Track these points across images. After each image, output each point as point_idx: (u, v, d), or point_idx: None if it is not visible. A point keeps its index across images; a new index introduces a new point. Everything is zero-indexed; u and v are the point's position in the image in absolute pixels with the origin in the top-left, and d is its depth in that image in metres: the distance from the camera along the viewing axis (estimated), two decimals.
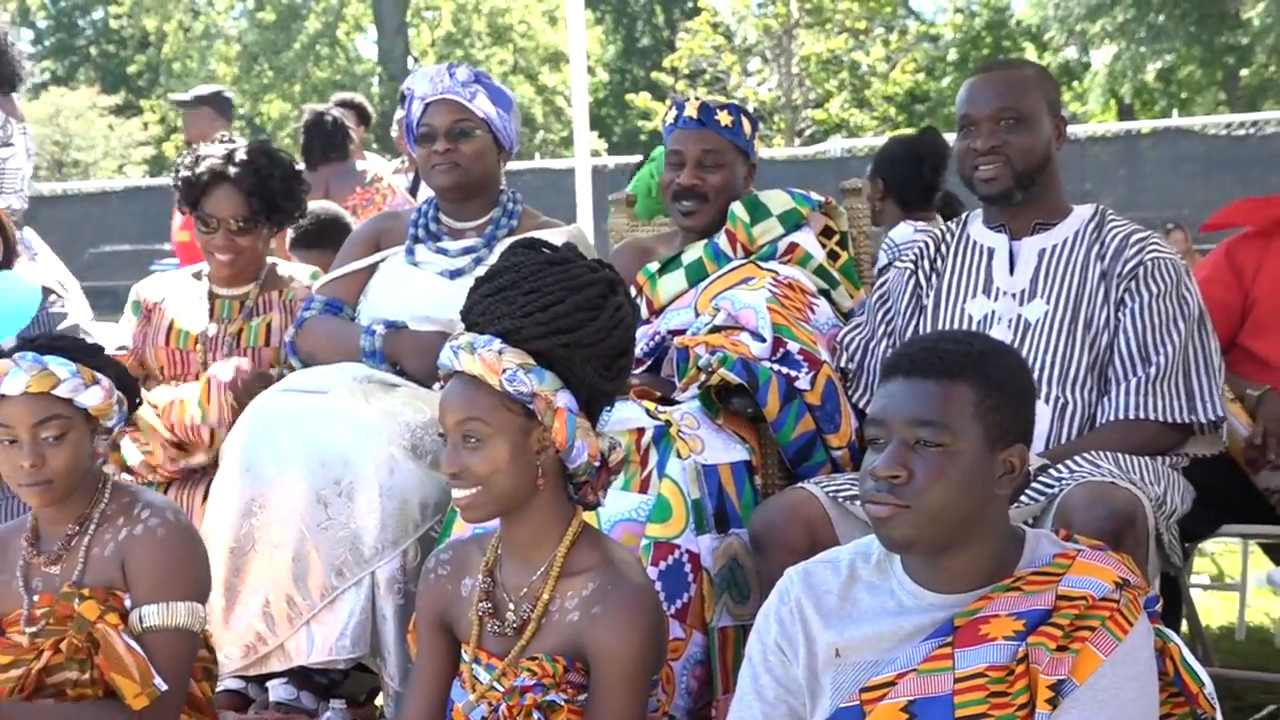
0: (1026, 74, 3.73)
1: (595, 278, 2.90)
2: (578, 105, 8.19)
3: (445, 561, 3.08)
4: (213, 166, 4.52)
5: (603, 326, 2.87)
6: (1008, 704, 2.45)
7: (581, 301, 2.86)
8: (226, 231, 4.52)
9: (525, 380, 2.80)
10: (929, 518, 2.48)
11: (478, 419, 2.81)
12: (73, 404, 3.15)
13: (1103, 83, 26.14)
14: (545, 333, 2.83)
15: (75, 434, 3.16)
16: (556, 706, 2.79)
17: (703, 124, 4.17)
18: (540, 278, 2.88)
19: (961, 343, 2.61)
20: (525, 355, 2.82)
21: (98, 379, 3.18)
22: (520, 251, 2.96)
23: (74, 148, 33.15)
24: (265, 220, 4.58)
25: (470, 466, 2.83)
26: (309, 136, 7.77)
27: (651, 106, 26.39)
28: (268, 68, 34.64)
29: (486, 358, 2.80)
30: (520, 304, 2.85)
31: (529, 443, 2.84)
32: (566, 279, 2.87)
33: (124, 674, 3.05)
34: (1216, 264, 4.39)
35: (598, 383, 2.91)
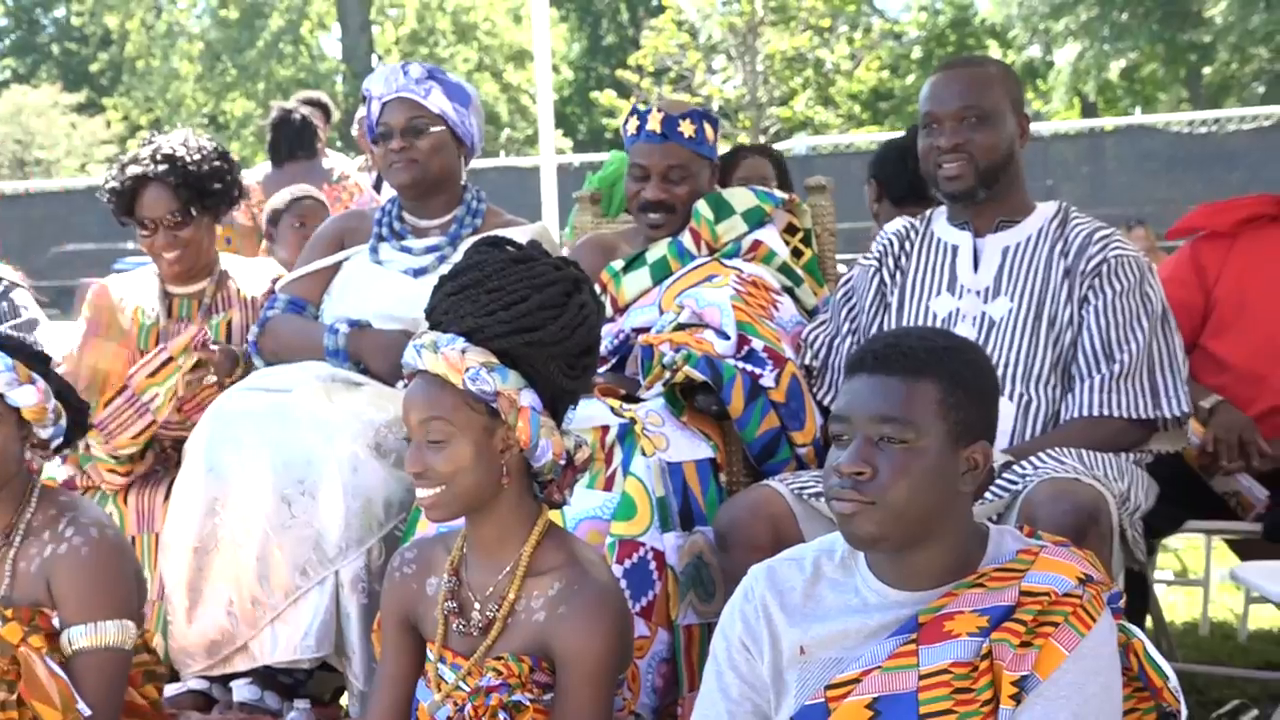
0: (990, 71, 3.73)
1: (559, 276, 2.89)
2: (542, 103, 8.18)
3: (410, 560, 3.07)
4: (135, 171, 4.50)
5: (566, 325, 2.86)
6: (972, 700, 2.46)
7: (545, 300, 2.84)
8: (165, 229, 4.50)
9: (488, 379, 2.79)
10: (893, 514, 2.48)
11: (441, 418, 2.80)
12: (4, 400, 3.12)
13: (1066, 81, 26.26)
14: (508, 331, 2.82)
15: (2, 430, 3.13)
16: (522, 706, 2.78)
17: (666, 137, 4.15)
18: (504, 276, 2.86)
19: (925, 339, 2.61)
20: (489, 354, 2.81)
21: (33, 379, 3.15)
22: (484, 249, 2.94)
23: (36, 146, 33.00)
24: (200, 209, 4.56)
25: (434, 466, 2.81)
26: (276, 134, 7.73)
27: (616, 104, 26.34)
28: (231, 66, 34.52)
29: (450, 357, 2.79)
30: (483, 302, 2.84)
31: (493, 442, 2.83)
32: (530, 277, 2.86)
33: (45, 701, 3.02)
34: (1179, 264, 4.41)
35: (562, 381, 2.90)
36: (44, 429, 3.19)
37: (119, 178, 4.53)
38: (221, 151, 4.63)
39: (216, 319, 4.56)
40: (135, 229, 4.59)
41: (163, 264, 4.58)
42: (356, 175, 7.76)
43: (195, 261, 4.59)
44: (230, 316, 4.57)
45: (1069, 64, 26.02)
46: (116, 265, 17.54)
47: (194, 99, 34.61)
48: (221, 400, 3.99)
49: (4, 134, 33.17)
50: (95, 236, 24.60)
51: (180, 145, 4.54)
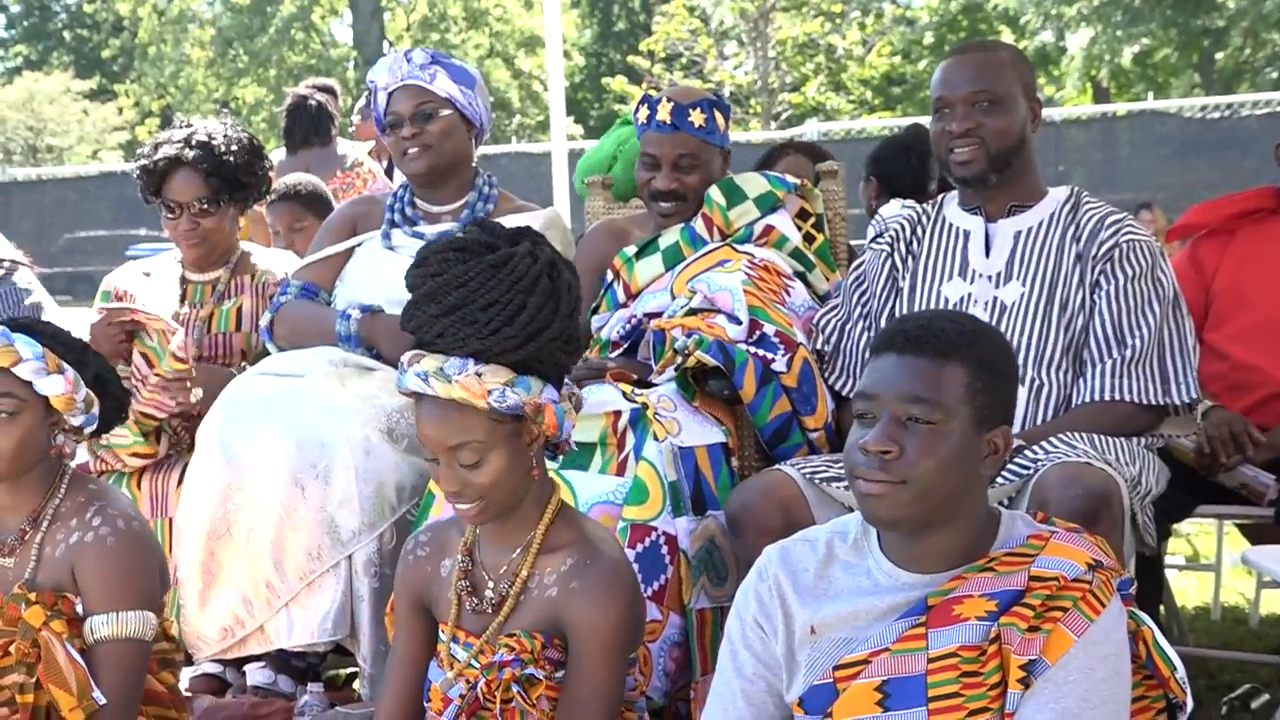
0: (1001, 56, 3.72)
1: (538, 266, 2.80)
2: (554, 89, 8.19)
3: (424, 543, 3.08)
4: (169, 153, 4.51)
5: (564, 314, 2.83)
6: (980, 684, 2.46)
7: (540, 300, 2.78)
8: (190, 215, 4.51)
9: (513, 395, 2.76)
10: (919, 494, 2.48)
11: (472, 442, 2.78)
12: (32, 388, 3.14)
13: (1079, 66, 26.18)
14: (519, 344, 2.77)
15: (28, 418, 3.14)
16: (535, 680, 2.80)
17: (676, 127, 4.15)
18: (491, 287, 2.77)
19: (956, 322, 2.62)
20: (504, 370, 2.77)
21: (63, 369, 3.16)
22: (454, 258, 2.82)
23: (48, 133, 33.05)
24: (229, 200, 4.57)
25: (471, 482, 2.80)
26: (291, 120, 7.71)
27: (628, 90, 26.34)
28: (242, 52, 34.54)
29: (467, 384, 2.74)
30: (483, 321, 2.75)
31: (522, 443, 2.83)
32: (515, 279, 2.77)
33: (62, 686, 3.03)
34: (1181, 262, 4.43)
35: (565, 360, 2.90)
36: (74, 417, 3.20)
37: (151, 155, 4.55)
38: (256, 146, 4.65)
39: (228, 305, 4.58)
40: (159, 210, 4.59)
41: (183, 248, 4.60)
42: (369, 162, 7.75)
43: (214, 249, 4.60)
44: (240, 303, 4.58)
45: (1081, 49, 25.95)
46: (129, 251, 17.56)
47: (205, 85, 34.64)
48: (235, 385, 4.01)
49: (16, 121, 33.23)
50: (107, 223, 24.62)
51: (218, 134, 4.55)
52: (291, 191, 5.96)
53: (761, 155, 5.50)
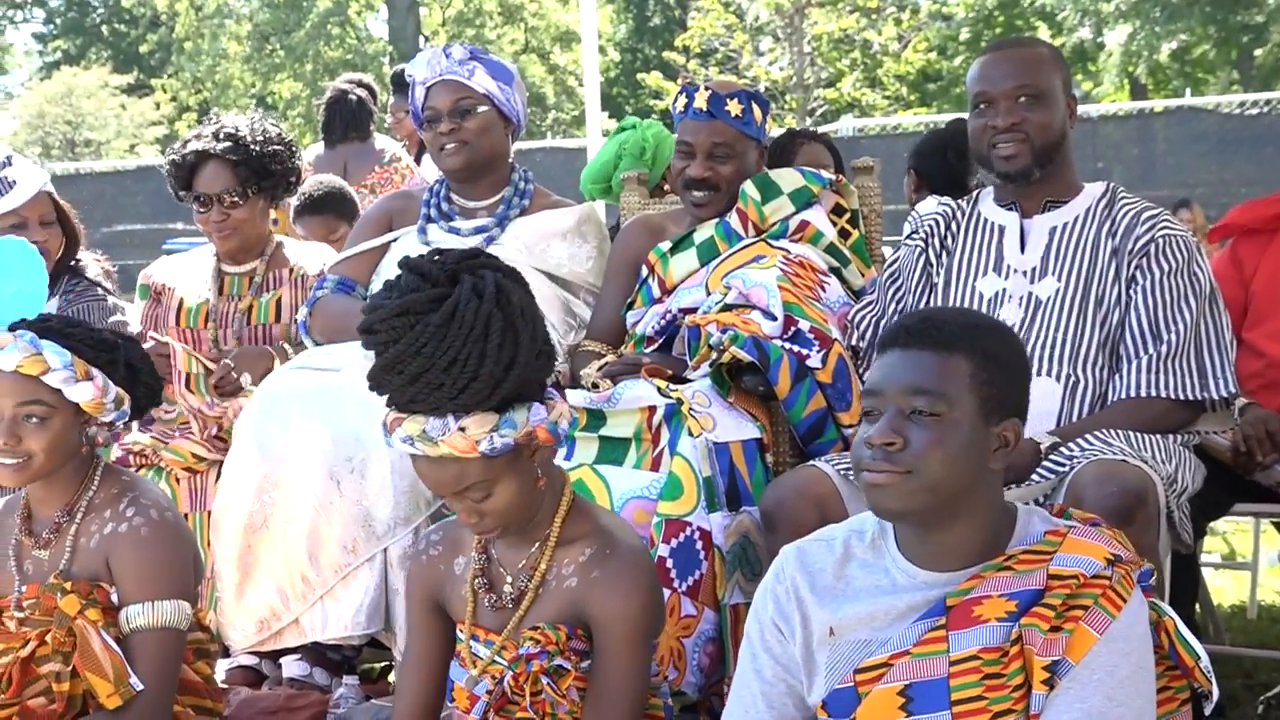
0: (1041, 51, 3.72)
1: (485, 305, 2.72)
2: (589, 85, 8.18)
3: (436, 542, 3.09)
4: (197, 147, 4.55)
5: (525, 340, 2.75)
6: (1003, 685, 2.46)
7: (498, 339, 2.71)
8: (221, 207, 4.54)
9: (500, 438, 2.74)
10: (925, 485, 2.48)
11: (476, 484, 2.78)
12: (61, 395, 3.16)
13: (1117, 63, 26.03)
14: (490, 391, 2.72)
15: (59, 422, 3.17)
16: (564, 671, 2.81)
17: (712, 115, 4.15)
18: (446, 347, 2.69)
19: (958, 315, 2.63)
20: (486, 415, 2.73)
21: (91, 375, 3.18)
22: (402, 325, 2.72)
23: (86, 127, 33.18)
24: (257, 190, 4.60)
25: (486, 512, 2.82)
26: (330, 114, 7.71)
27: (663, 86, 26.29)
28: (279, 47, 34.59)
29: (454, 442, 2.72)
30: (450, 382, 2.70)
31: (526, 463, 2.82)
32: (467, 331, 2.69)
33: (99, 673, 3.06)
34: (1222, 262, 4.41)
35: (543, 375, 2.85)
36: (105, 416, 3.23)
37: (180, 151, 4.59)
38: (284, 137, 4.68)
39: (266, 297, 4.60)
40: (190, 204, 4.63)
41: (216, 240, 4.63)
42: (407, 157, 7.77)
43: (245, 240, 4.62)
44: (279, 295, 4.61)
45: (1119, 46, 25.80)
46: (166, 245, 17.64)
47: (242, 80, 34.71)
48: (271, 380, 4.03)
49: (55, 115, 33.37)
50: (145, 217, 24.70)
51: (245, 126, 4.59)
52: (317, 200, 5.98)
53: (773, 145, 5.48)
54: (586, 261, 4.40)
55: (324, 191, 6.05)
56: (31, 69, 42.84)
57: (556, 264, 4.35)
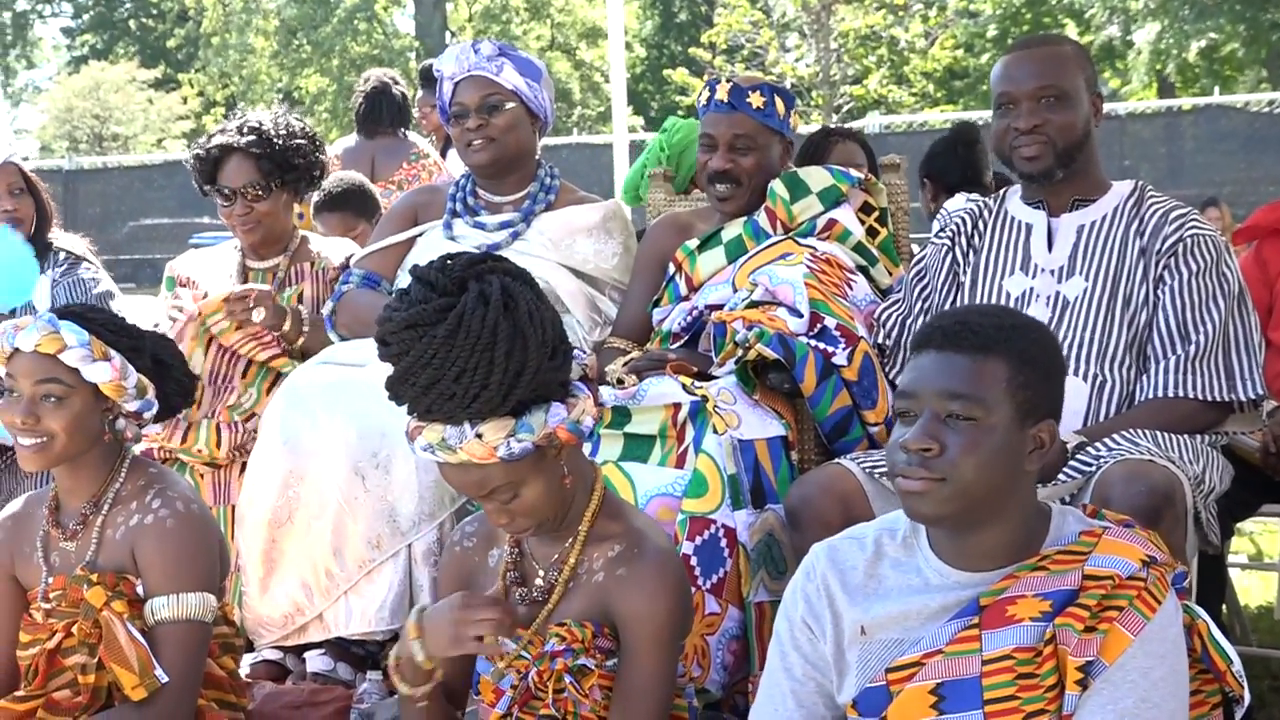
0: (1064, 50, 3.69)
1: (491, 312, 2.71)
2: (616, 81, 8.18)
3: (471, 534, 3.09)
4: (221, 141, 4.57)
5: (535, 344, 2.73)
6: (1036, 685, 2.45)
7: (506, 347, 2.70)
8: (244, 200, 4.55)
9: (519, 442, 2.73)
10: (960, 491, 2.47)
11: (500, 486, 2.78)
12: (79, 374, 3.18)
13: (1146, 61, 25.93)
14: (502, 398, 2.71)
15: (77, 402, 3.18)
16: (587, 670, 2.80)
17: (734, 107, 4.15)
18: (454, 358, 2.69)
19: (993, 317, 2.60)
20: (503, 421, 2.73)
21: (109, 356, 3.19)
22: (410, 338, 2.72)
23: (114, 121, 33.34)
24: (281, 184, 4.61)
25: (517, 513, 2.82)
26: (371, 104, 7.66)
27: (689, 82, 26.28)
28: (305, 42, 34.69)
29: (472, 449, 2.72)
30: (461, 393, 2.69)
31: (550, 463, 2.82)
32: (474, 341, 2.68)
33: (124, 665, 3.07)
34: (1247, 262, 4.39)
35: (559, 376, 2.83)
36: (128, 402, 3.24)
37: (204, 146, 4.61)
38: (308, 131, 4.69)
39: (289, 291, 4.61)
40: (215, 198, 4.64)
41: (240, 234, 4.64)
42: (435, 154, 7.77)
43: (270, 234, 4.63)
44: (302, 289, 4.61)
45: (1148, 44, 25.70)
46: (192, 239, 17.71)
47: (268, 75, 34.82)
48: (296, 375, 4.04)
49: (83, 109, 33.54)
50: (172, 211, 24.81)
51: (268, 120, 4.60)
52: (336, 196, 5.99)
53: (806, 143, 5.48)
54: (612, 258, 4.39)
55: (343, 188, 6.05)
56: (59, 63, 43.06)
57: (582, 260, 4.35)
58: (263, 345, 4.34)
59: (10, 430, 3.19)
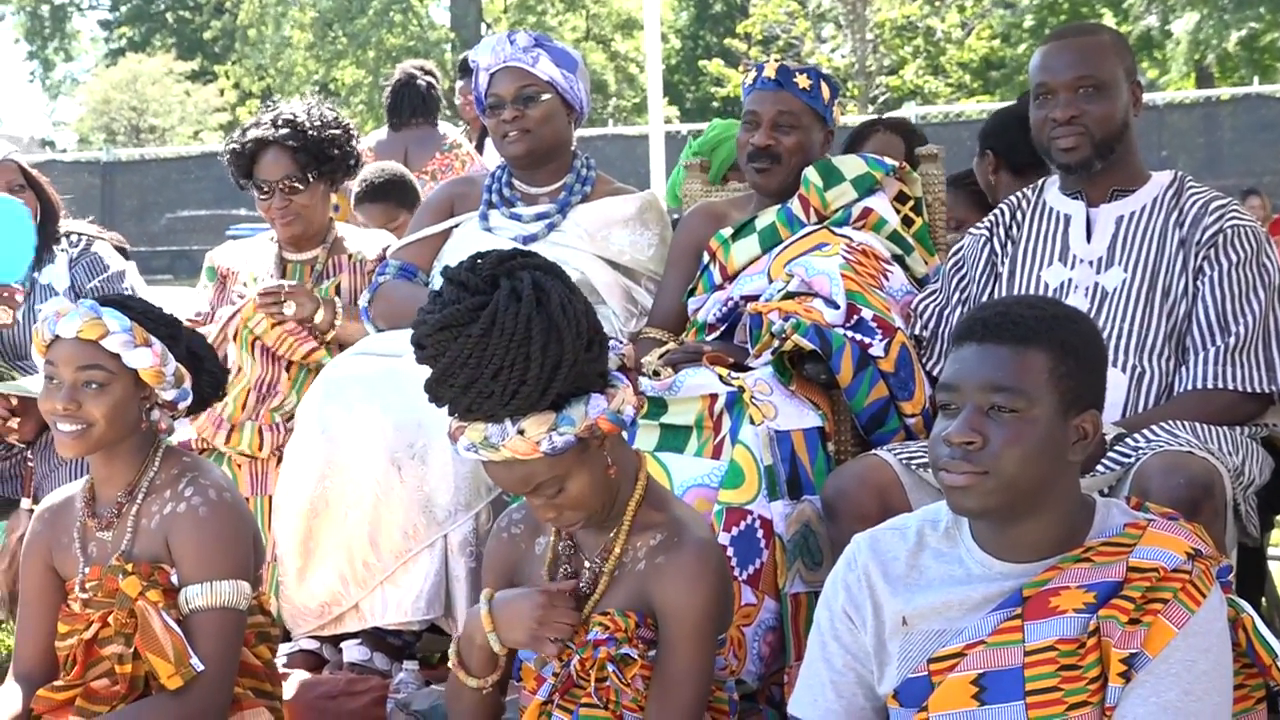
0: (1103, 40, 3.68)
1: (524, 307, 2.71)
2: (651, 72, 8.17)
3: (518, 521, 3.10)
4: (256, 135, 4.58)
5: (569, 337, 2.73)
6: (1079, 677, 2.45)
7: (541, 341, 2.70)
8: (281, 194, 4.56)
9: (562, 436, 2.74)
10: (1004, 484, 2.46)
11: (545, 481, 2.79)
12: (120, 361, 3.19)
13: (1185, 51, 25.79)
14: (540, 392, 2.71)
15: (118, 389, 3.19)
16: (630, 660, 2.80)
17: (780, 85, 4.15)
18: (490, 357, 2.69)
19: (1035, 308, 2.59)
20: (544, 416, 2.73)
21: (150, 342, 3.21)
22: (445, 339, 2.73)
23: (151, 114, 33.49)
24: (317, 176, 4.61)
25: (564, 506, 2.82)
26: (397, 97, 7.69)
27: (724, 73, 26.30)
28: (341, 34, 34.77)
29: (515, 446, 2.73)
30: (499, 391, 2.70)
31: (594, 454, 2.82)
32: (508, 338, 2.69)
33: (160, 654, 3.08)
34: None
35: (597, 366, 2.84)
36: (165, 391, 3.25)
37: (240, 140, 4.62)
38: (343, 122, 4.70)
39: (326, 284, 4.62)
40: (252, 191, 4.66)
41: (277, 227, 4.65)
42: (467, 144, 7.78)
43: (308, 226, 4.64)
44: (339, 281, 4.62)
45: (1187, 33, 25.56)
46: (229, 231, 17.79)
47: (305, 67, 34.91)
48: (333, 366, 4.05)
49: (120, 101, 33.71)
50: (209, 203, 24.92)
51: (302, 112, 4.61)
52: (377, 187, 6.01)
53: (850, 134, 5.44)
54: (648, 249, 4.39)
55: (385, 178, 6.06)
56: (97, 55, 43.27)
57: (618, 251, 4.34)
58: (299, 340, 4.35)
59: (51, 417, 3.21)
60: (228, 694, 3.19)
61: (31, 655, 3.31)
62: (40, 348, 3.23)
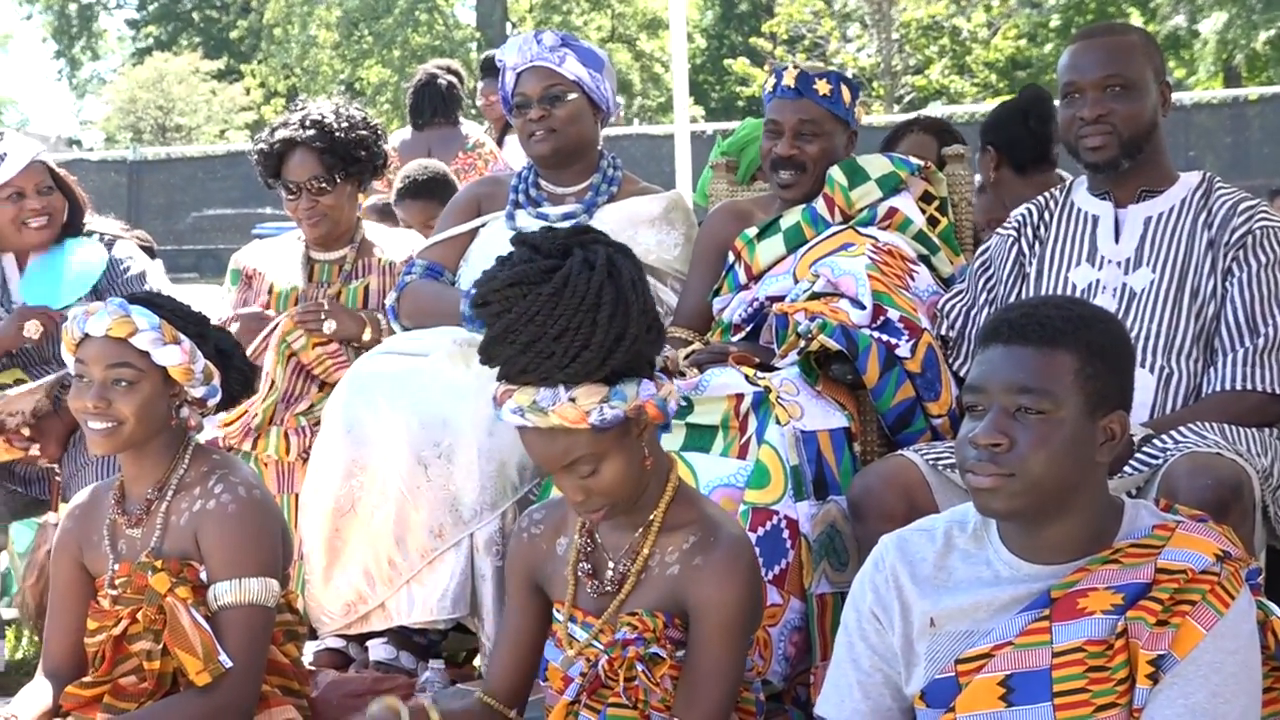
0: (1131, 39, 3.67)
1: (597, 275, 2.74)
2: (677, 71, 8.16)
3: (539, 521, 3.10)
4: (284, 135, 4.58)
5: (635, 313, 2.77)
6: (1106, 679, 2.44)
7: (609, 310, 2.73)
8: (309, 194, 4.57)
9: (610, 410, 2.74)
10: (1031, 486, 2.46)
11: (584, 456, 2.78)
12: (149, 358, 3.20)
13: (1213, 51, 25.68)
14: (600, 361, 2.73)
15: (147, 387, 3.21)
16: (659, 659, 2.80)
17: (800, 93, 4.14)
18: (558, 316, 2.72)
19: (1061, 308, 2.58)
20: (596, 387, 2.74)
21: (179, 340, 3.22)
22: (514, 295, 2.75)
23: (177, 112, 33.60)
24: (345, 176, 4.62)
25: (594, 490, 2.82)
26: (418, 97, 7.73)
27: (749, 72, 26.27)
28: (367, 33, 34.82)
29: (564, 413, 2.73)
30: (560, 352, 2.72)
31: (632, 440, 2.83)
32: (579, 301, 2.72)
33: (188, 650, 3.10)
34: None
35: (652, 351, 2.86)
36: (194, 388, 3.26)
37: (268, 140, 4.63)
38: (370, 122, 4.71)
39: (355, 284, 4.63)
40: (280, 192, 4.67)
41: (305, 228, 4.66)
42: (491, 143, 7.80)
43: (336, 227, 4.65)
44: (368, 282, 4.63)
45: (1215, 34, 25.45)
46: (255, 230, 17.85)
47: (330, 66, 34.98)
48: (360, 364, 4.06)
49: (146, 100, 33.82)
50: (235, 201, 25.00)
51: (330, 113, 4.61)
52: (420, 184, 6.03)
53: (887, 134, 5.42)
54: (674, 249, 4.39)
55: (427, 176, 6.10)
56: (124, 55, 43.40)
57: (644, 251, 4.33)
58: (337, 364, 4.37)
59: (81, 415, 3.23)
60: (255, 691, 3.21)
61: (60, 651, 3.33)
62: (69, 346, 3.25)
